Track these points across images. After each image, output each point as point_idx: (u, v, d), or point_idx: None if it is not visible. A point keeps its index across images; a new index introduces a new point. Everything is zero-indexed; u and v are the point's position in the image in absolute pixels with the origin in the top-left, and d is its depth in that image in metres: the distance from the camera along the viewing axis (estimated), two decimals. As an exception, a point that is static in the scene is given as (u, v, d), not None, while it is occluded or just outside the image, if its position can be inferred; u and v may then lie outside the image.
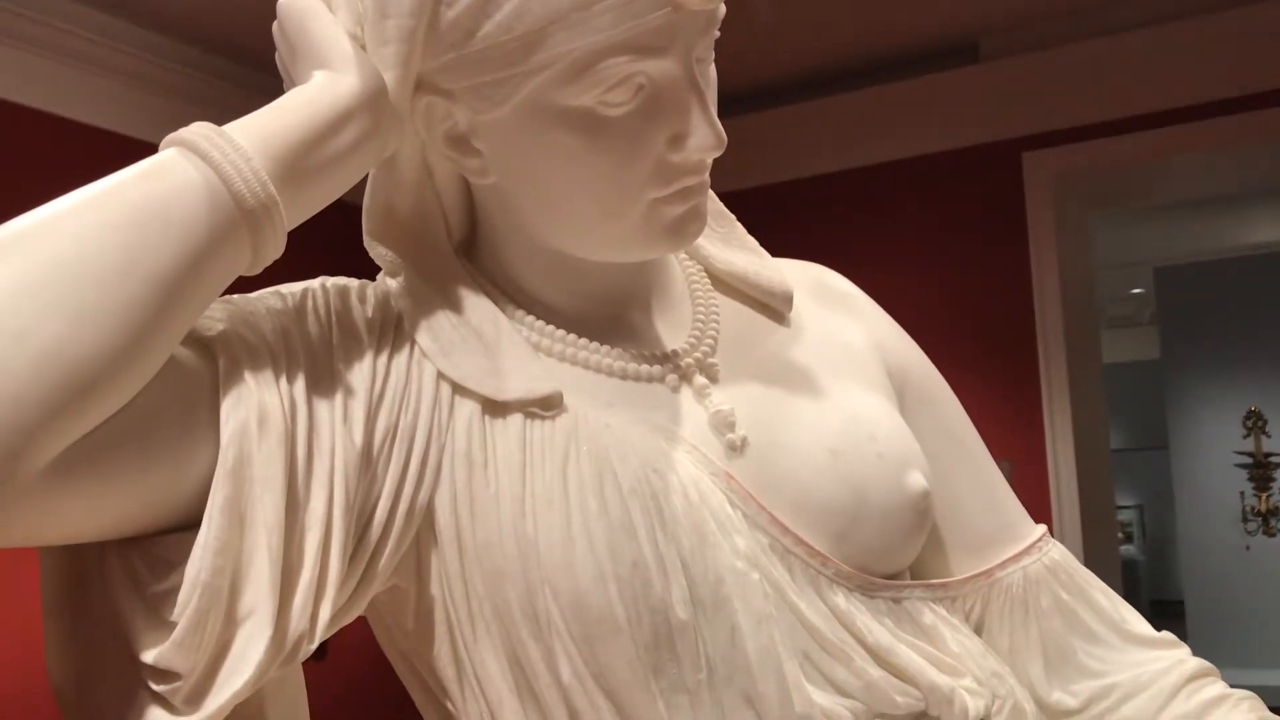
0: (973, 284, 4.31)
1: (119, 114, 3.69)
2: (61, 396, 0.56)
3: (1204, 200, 6.20)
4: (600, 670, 0.69)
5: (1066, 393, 4.17)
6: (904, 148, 4.45)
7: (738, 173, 4.73)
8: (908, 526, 0.77)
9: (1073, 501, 4.13)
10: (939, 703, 0.73)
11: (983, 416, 3.82)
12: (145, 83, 3.73)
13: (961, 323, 4.32)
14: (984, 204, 4.32)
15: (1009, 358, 4.24)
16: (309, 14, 0.71)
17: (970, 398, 3.79)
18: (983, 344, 4.27)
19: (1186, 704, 0.80)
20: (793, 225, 4.66)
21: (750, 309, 0.86)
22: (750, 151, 4.67)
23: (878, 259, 4.50)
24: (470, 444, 0.72)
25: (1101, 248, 6.74)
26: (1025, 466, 4.21)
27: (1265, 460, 7.23)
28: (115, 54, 3.60)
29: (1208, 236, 7.05)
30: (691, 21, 0.68)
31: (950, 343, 4.34)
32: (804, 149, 4.60)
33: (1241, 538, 7.27)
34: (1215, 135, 3.95)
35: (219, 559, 0.61)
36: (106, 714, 0.63)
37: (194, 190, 0.62)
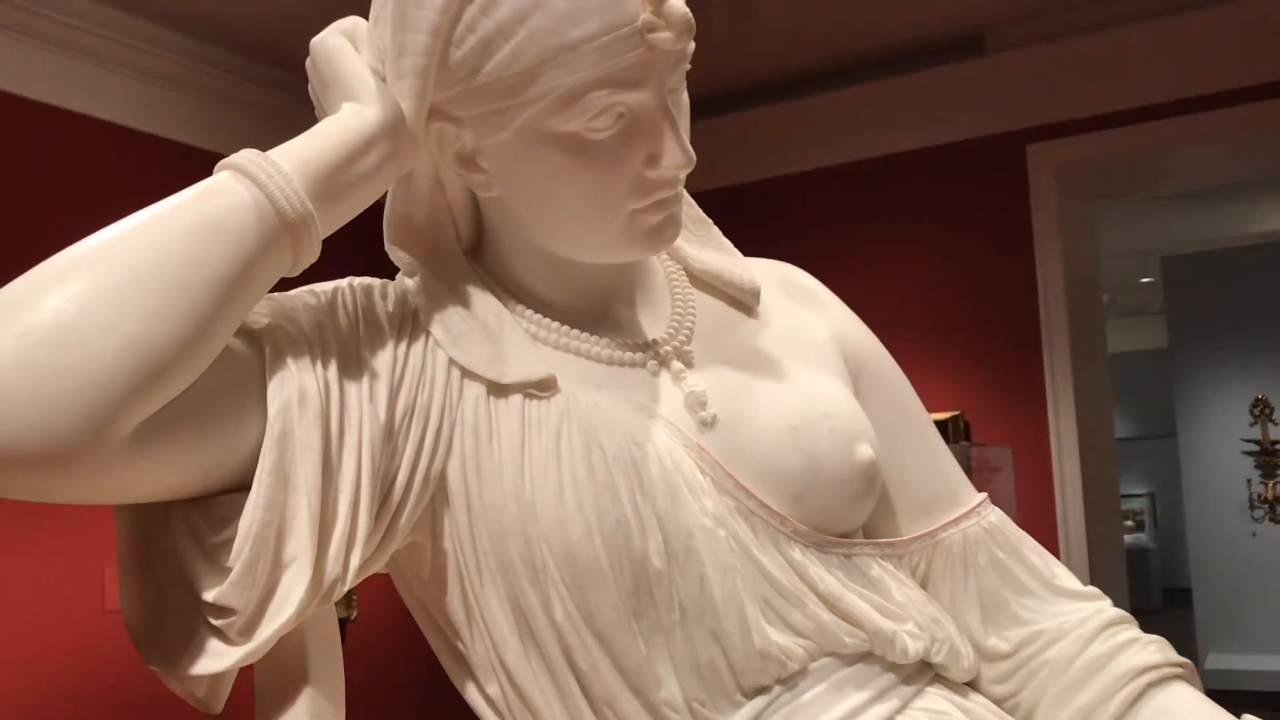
0: (977, 274, 4.36)
1: (119, 106, 3.81)
2: (141, 379, 0.68)
3: (1213, 189, 6.21)
4: (589, 612, 0.81)
5: (1070, 381, 4.21)
6: (910, 140, 4.50)
7: (746, 166, 4.82)
8: (856, 492, 0.89)
9: (1076, 489, 4.18)
10: (883, 643, 0.85)
11: (987, 404, 3.93)
12: (152, 77, 3.84)
13: (966, 312, 4.36)
14: (989, 195, 4.37)
15: (1013, 347, 4.28)
16: (338, 52, 0.83)
17: (974, 386, 3.91)
18: (987, 333, 4.33)
19: (1103, 646, 0.92)
20: (800, 217, 4.74)
21: (723, 303, 0.97)
22: (758, 145, 4.75)
23: (883, 250, 4.57)
24: (477, 420, 0.84)
25: (1111, 237, 6.80)
26: (1029, 455, 4.24)
27: (1272, 448, 7.26)
28: (116, 46, 3.70)
29: (1217, 226, 7.07)
30: (663, 59, 0.79)
31: (955, 332, 4.41)
32: (811, 142, 4.65)
33: (1248, 524, 7.30)
34: (1219, 126, 3.99)
35: (267, 514, 0.74)
36: (173, 645, 0.75)
37: (245, 207, 0.74)
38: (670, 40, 0.78)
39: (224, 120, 4.01)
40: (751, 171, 4.80)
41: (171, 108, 3.90)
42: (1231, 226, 7.09)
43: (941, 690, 0.89)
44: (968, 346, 4.41)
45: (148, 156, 3.81)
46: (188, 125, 3.94)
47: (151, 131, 3.86)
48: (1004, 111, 4.33)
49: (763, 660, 0.82)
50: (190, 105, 3.95)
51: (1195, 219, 6.95)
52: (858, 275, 4.55)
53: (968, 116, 4.40)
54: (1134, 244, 7.41)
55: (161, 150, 3.86)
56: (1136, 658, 0.90)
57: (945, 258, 4.45)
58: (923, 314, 4.47)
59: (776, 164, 4.76)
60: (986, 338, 4.35)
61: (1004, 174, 4.34)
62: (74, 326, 0.67)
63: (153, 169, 3.79)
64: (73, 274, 0.69)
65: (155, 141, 3.84)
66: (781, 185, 4.75)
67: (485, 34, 0.76)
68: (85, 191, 3.66)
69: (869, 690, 0.84)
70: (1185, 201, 6.58)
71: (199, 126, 3.95)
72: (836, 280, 4.28)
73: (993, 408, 4.36)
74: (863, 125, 4.57)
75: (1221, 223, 7.03)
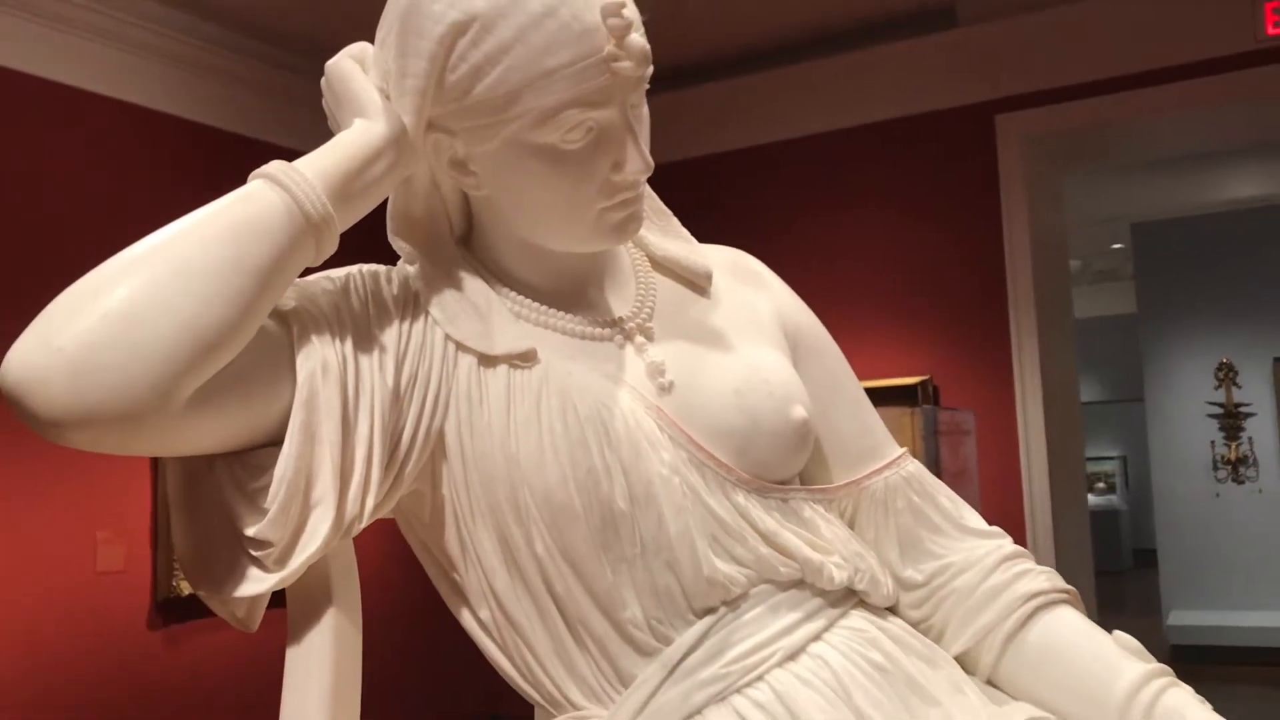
0: (947, 243, 4.46)
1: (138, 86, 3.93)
2: (196, 353, 0.84)
3: (1184, 157, 6.33)
4: (564, 546, 0.97)
5: (1035, 347, 4.32)
6: (880, 111, 4.58)
7: (718, 137, 4.92)
8: (791, 446, 1.05)
9: (1041, 452, 4.29)
10: (812, 572, 1.01)
11: (956, 369, 4.07)
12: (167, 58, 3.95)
13: (935, 280, 4.46)
14: (958, 165, 4.46)
15: (981, 313, 4.39)
16: (349, 75, 0.98)
17: (944, 351, 4.06)
18: (956, 300, 4.43)
19: (1001, 576, 1.08)
20: (771, 188, 4.86)
21: (680, 285, 1.13)
22: (733, 115, 4.85)
23: (854, 220, 4.68)
24: (469, 386, 1.00)
25: (1083, 204, 6.93)
26: (994, 418, 4.34)
27: (1236, 410, 7.49)
28: (132, 28, 3.82)
29: (1187, 193, 7.14)
30: (625, 83, 0.94)
31: (924, 299, 4.53)
32: (782, 113, 4.74)
33: (1212, 485, 7.51)
34: (1186, 97, 4.09)
35: (298, 464, 0.89)
36: (218, 573, 0.91)
37: (276, 211, 0.90)
38: (631, 68, 0.93)
39: (251, 103, 4.14)
40: (724, 142, 4.88)
41: (195, 91, 4.02)
42: (1201, 194, 7.20)
43: (864, 613, 1.05)
44: (937, 313, 4.50)
45: (171, 138, 3.94)
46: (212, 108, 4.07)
47: (178, 114, 3.98)
48: (973, 82, 4.41)
49: (710, 586, 0.98)
50: (216, 89, 4.06)
51: (1166, 186, 7.04)
52: (829, 245, 4.69)
53: (938, 87, 4.48)
54: (1106, 210, 7.53)
55: (184, 131, 3.99)
56: (1029, 585, 1.07)
57: (915, 227, 4.53)
58: (893, 281, 4.57)
59: (747, 135, 4.83)
60: (955, 304, 4.44)
61: (973, 144, 4.42)
62: (144, 310, 0.82)
63: (176, 151, 3.93)
64: (138, 266, 0.84)
65: (178, 123, 3.95)
66: (753, 156, 4.83)
67: (475, 62, 0.91)
68: (114, 172, 3.78)
69: (800, 611, 1.01)
70: (1156, 169, 6.69)
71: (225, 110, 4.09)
72: (809, 250, 4.52)
73: (962, 372, 4.49)
74: (835, 96, 4.65)
75: (1192, 190, 7.13)
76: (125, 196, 3.73)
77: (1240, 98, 4.07)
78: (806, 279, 5.15)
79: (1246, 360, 7.47)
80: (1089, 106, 4.25)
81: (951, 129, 4.49)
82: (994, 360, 4.40)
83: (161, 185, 3.81)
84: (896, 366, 4.55)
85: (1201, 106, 4.15)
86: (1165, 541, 7.69)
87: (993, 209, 4.41)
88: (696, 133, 4.92)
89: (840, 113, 4.68)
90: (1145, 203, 7.40)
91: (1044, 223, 4.61)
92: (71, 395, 0.80)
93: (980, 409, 4.44)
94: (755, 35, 4.56)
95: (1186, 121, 4.38)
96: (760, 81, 4.74)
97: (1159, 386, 7.82)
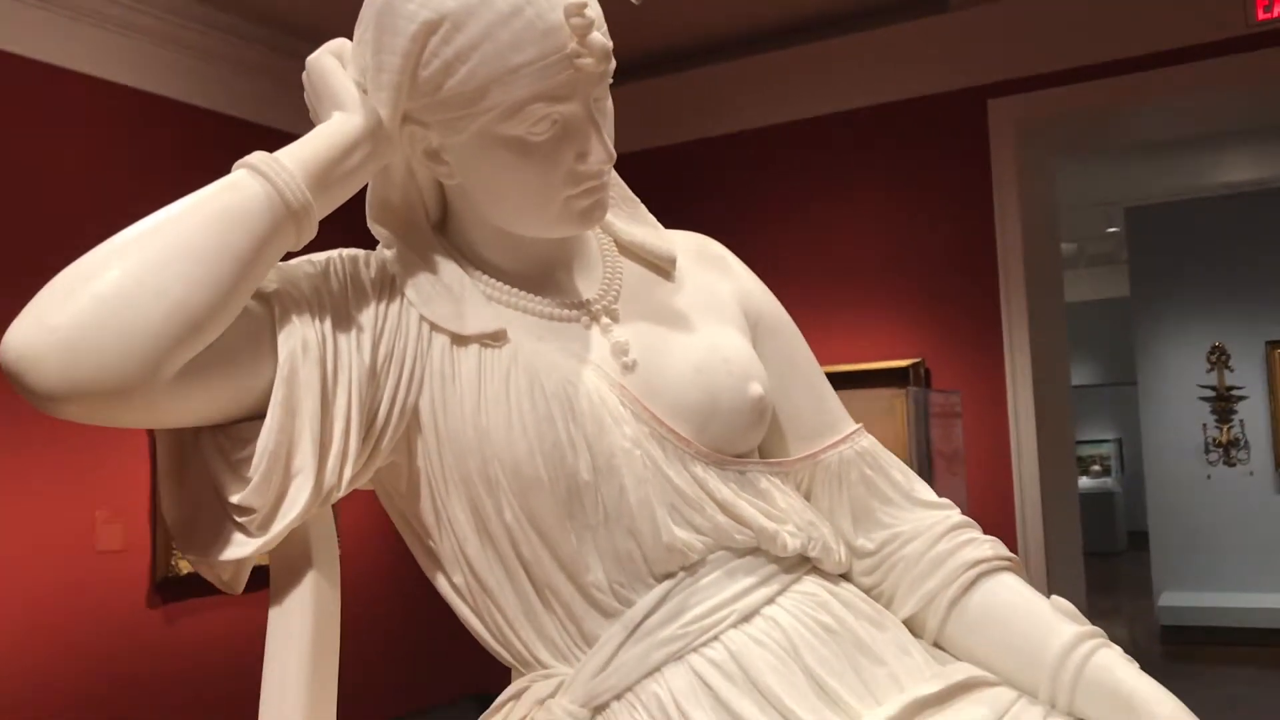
0: (938, 227, 4.50)
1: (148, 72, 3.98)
2: (183, 332, 0.90)
3: (1179, 141, 6.34)
4: (531, 514, 1.03)
5: (1026, 330, 4.37)
6: (873, 95, 4.62)
7: (714, 120, 4.95)
8: (748, 421, 1.11)
9: (1030, 434, 4.36)
10: (766, 539, 1.07)
11: (947, 352, 4.12)
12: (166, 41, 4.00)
13: (927, 263, 4.50)
14: (950, 150, 4.50)
15: (973, 296, 4.43)
16: (328, 70, 1.04)
17: (936, 334, 4.12)
18: (948, 283, 4.48)
19: (947, 544, 1.14)
20: (763, 172, 4.90)
21: (645, 269, 1.19)
22: (725, 100, 4.89)
23: (846, 203, 4.73)
24: (443, 364, 1.06)
25: (1079, 188, 6.96)
26: (985, 401, 4.40)
27: (1227, 394, 7.54)
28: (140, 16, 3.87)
29: (1181, 177, 7.18)
30: (588, 78, 1.00)
31: (916, 282, 4.58)
32: (777, 97, 4.78)
33: (1204, 468, 7.56)
34: (1179, 82, 4.12)
35: (280, 436, 0.95)
36: (205, 539, 0.97)
37: (259, 199, 0.95)
38: (592, 65, 0.98)
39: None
40: (717, 127, 4.92)
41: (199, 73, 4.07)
42: (1196, 178, 7.24)
43: (816, 579, 1.11)
44: (929, 296, 4.54)
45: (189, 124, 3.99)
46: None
47: (188, 101, 4.03)
48: (966, 67, 4.45)
49: (669, 552, 1.04)
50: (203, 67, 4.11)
51: (1161, 171, 7.08)
52: (822, 228, 4.74)
53: (930, 72, 4.51)
54: (1101, 194, 7.56)
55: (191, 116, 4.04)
56: (972, 553, 1.13)
57: (907, 210, 4.58)
58: (885, 265, 4.61)
59: (739, 120, 4.87)
60: (947, 288, 4.49)
61: (965, 129, 4.46)
62: (132, 292, 0.88)
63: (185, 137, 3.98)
64: (129, 251, 0.90)
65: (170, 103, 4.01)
66: (745, 140, 4.88)
67: (446, 58, 0.97)
68: (114, 154, 3.84)
69: (755, 576, 1.07)
70: (1151, 153, 6.72)
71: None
72: (802, 234, 4.58)
73: (953, 355, 4.54)
74: (827, 80, 4.69)
75: (1186, 174, 7.16)
76: (136, 181, 3.79)
77: (1233, 82, 4.10)
78: (799, 262, 5.23)
79: (1239, 344, 7.51)
80: (1081, 91, 4.29)
81: (944, 114, 4.52)
82: (985, 343, 4.44)
83: (169, 170, 3.87)
84: (888, 349, 4.60)
85: (1194, 91, 4.19)
86: (1157, 523, 7.75)
87: (985, 193, 4.45)
88: (688, 117, 4.97)
89: (833, 97, 4.71)
90: (1140, 187, 7.44)
91: (1036, 207, 4.64)
92: (64, 371, 0.86)
93: (971, 391, 4.48)
94: (748, 20, 4.60)
95: (1179, 106, 4.42)
96: (753, 66, 4.77)
97: (1152, 370, 7.86)
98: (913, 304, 4.60)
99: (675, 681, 1.01)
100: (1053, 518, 4.44)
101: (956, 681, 1.04)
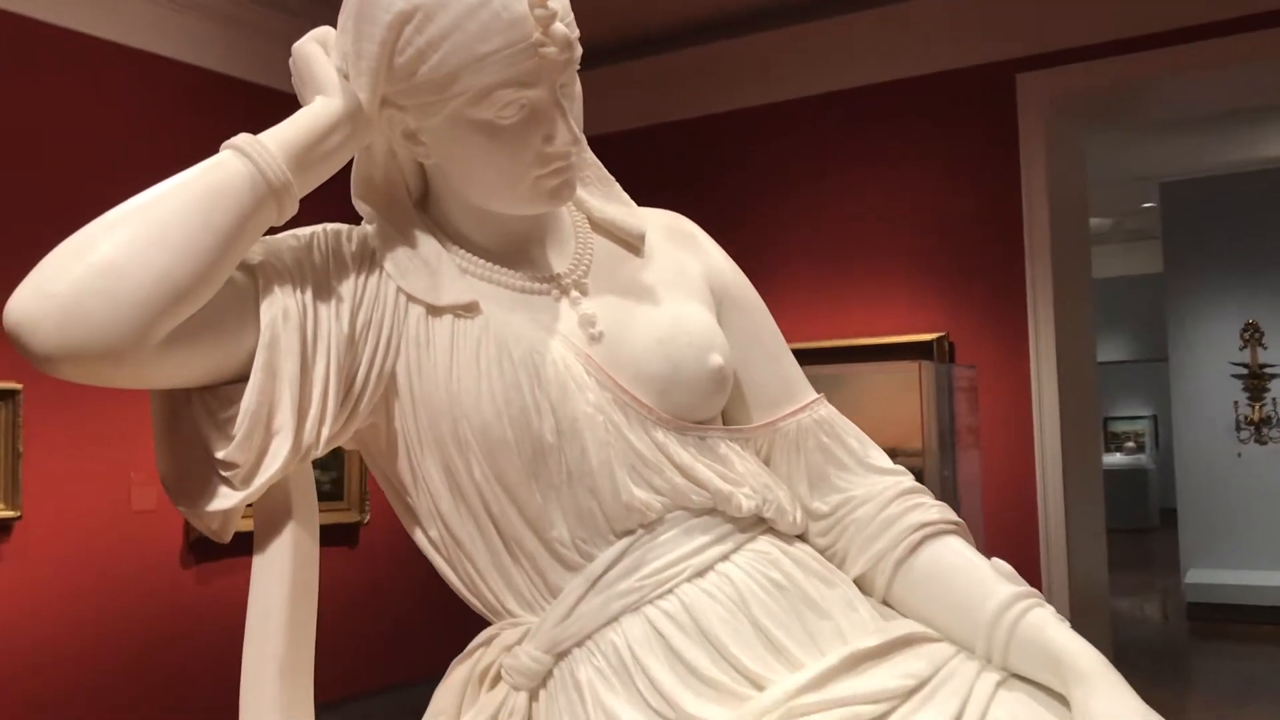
0: (964, 201, 4.49)
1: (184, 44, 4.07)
2: (170, 300, 0.97)
3: (1216, 116, 6.28)
4: (499, 473, 1.11)
5: (1051, 306, 4.35)
6: (900, 69, 4.61)
7: (742, 92, 4.96)
8: (708, 390, 1.18)
9: (1053, 410, 4.35)
10: (722, 500, 1.14)
11: (972, 327, 4.11)
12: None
13: (953, 238, 4.50)
14: (977, 124, 4.48)
15: (998, 272, 4.43)
16: (311, 57, 1.11)
17: (960, 309, 4.12)
18: (973, 258, 4.47)
19: (897, 508, 1.21)
20: (791, 145, 4.92)
21: (616, 245, 1.25)
22: (754, 71, 4.89)
23: (872, 177, 4.72)
24: (418, 333, 1.13)
25: (1114, 163, 6.91)
26: (1008, 376, 4.39)
27: (1260, 371, 7.47)
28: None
29: (1218, 152, 7.09)
30: (552, 65, 1.06)
31: (941, 257, 4.59)
32: (805, 69, 4.78)
33: (1235, 446, 7.51)
34: (1209, 56, 4.08)
35: (261, 397, 1.03)
36: (194, 491, 1.06)
37: (242, 178, 1.03)
38: (555, 53, 1.05)
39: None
40: (745, 99, 4.92)
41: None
42: (1232, 153, 7.14)
43: (771, 539, 1.18)
44: (954, 271, 4.53)
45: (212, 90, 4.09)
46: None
47: (207, 67, 4.13)
48: (994, 41, 4.42)
49: (628, 511, 1.11)
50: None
51: (1197, 145, 6.98)
52: (848, 202, 4.76)
53: (958, 46, 4.49)
54: (1137, 169, 7.49)
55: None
56: (919, 516, 1.20)
57: (934, 185, 4.57)
58: (911, 239, 4.60)
59: (767, 92, 4.88)
60: (973, 263, 4.48)
61: (993, 103, 4.44)
62: (124, 264, 0.96)
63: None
64: (121, 225, 0.98)
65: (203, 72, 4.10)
66: (772, 113, 4.88)
67: (419, 46, 1.04)
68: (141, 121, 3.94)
69: (711, 535, 1.14)
70: (1187, 128, 6.64)
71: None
72: (828, 207, 4.60)
73: (977, 330, 4.54)
74: (855, 53, 4.68)
75: (1223, 149, 7.07)
76: (154, 146, 3.89)
77: (1270, 56, 4.05)
78: (825, 235, 5.23)
79: (1273, 321, 7.44)
80: (1111, 65, 4.25)
81: (972, 88, 4.51)
82: (1010, 318, 4.44)
83: (187, 135, 3.96)
84: (912, 323, 4.62)
85: (1228, 66, 4.14)
86: (1186, 500, 7.73)
87: (1012, 168, 4.43)
88: (717, 89, 4.99)
89: (861, 70, 4.71)
90: (1176, 161, 7.35)
91: (1063, 182, 4.60)
92: (61, 335, 0.94)
93: (995, 367, 4.47)
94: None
95: (1211, 80, 4.37)
96: (781, 38, 4.77)
97: (1184, 346, 7.81)
98: (938, 279, 4.60)
99: (632, 631, 1.09)
100: (1075, 494, 4.43)
101: (897, 636, 1.11)
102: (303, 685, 1.06)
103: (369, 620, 4.45)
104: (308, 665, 1.08)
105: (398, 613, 4.62)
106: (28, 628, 3.70)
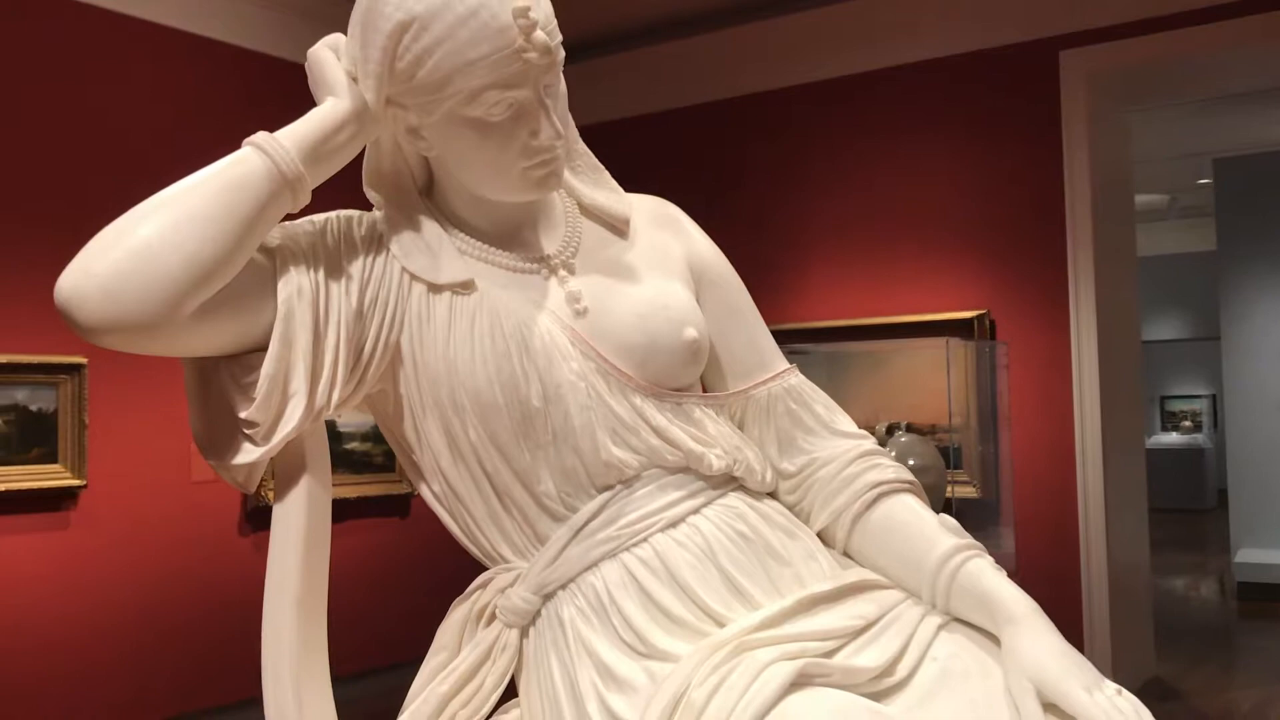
0: (1008, 179, 4.52)
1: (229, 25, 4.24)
2: (198, 279, 1.11)
3: (1268, 90, 6.19)
4: (491, 434, 1.24)
5: (1092, 284, 4.38)
6: (944, 46, 4.65)
7: (789, 71, 5.01)
8: (684, 360, 1.30)
9: (1093, 389, 4.38)
10: (694, 460, 1.26)
11: (1014, 304, 4.17)
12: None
13: (995, 215, 4.53)
14: (1021, 101, 4.51)
15: (1040, 249, 4.45)
16: (324, 62, 1.25)
17: (1002, 286, 4.21)
18: (1016, 236, 4.50)
19: (856, 468, 1.32)
20: (836, 123, 4.96)
21: (603, 228, 1.38)
22: (801, 50, 4.92)
23: (916, 155, 4.75)
24: (420, 308, 1.26)
25: (1168, 139, 6.85)
26: (1049, 354, 4.43)
27: (1315, 350, 7.41)
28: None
29: (1274, 126, 7.04)
30: (536, 68, 1.18)
31: (984, 234, 4.62)
32: (850, 47, 4.84)
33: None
34: (1253, 31, 4.08)
35: (278, 364, 1.17)
36: (222, 447, 1.20)
37: (260, 172, 1.17)
38: (537, 58, 1.17)
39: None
40: (792, 77, 4.99)
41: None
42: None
43: (741, 495, 1.30)
44: (996, 248, 4.56)
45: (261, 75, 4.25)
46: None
47: (253, 48, 4.30)
48: (1038, 18, 4.44)
49: (607, 468, 1.24)
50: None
51: (1251, 120, 6.89)
52: (892, 180, 4.81)
53: (1002, 23, 4.51)
54: (1191, 145, 7.40)
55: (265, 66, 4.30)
56: (876, 475, 1.31)
57: (977, 162, 4.61)
58: (954, 217, 4.64)
59: (813, 70, 4.94)
60: (1015, 240, 4.52)
61: (1037, 80, 4.46)
62: (158, 247, 1.10)
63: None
64: (154, 213, 1.12)
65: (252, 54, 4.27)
66: (819, 91, 4.95)
67: (416, 52, 1.16)
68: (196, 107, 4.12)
69: (684, 491, 1.26)
70: (1240, 103, 6.53)
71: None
72: (872, 185, 4.71)
73: (1019, 308, 4.55)
74: (898, 31, 4.73)
75: (1277, 124, 7.00)
76: (206, 126, 4.07)
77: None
78: (867, 213, 5.29)
79: (1329, 299, 7.35)
80: (1154, 42, 4.26)
81: (1015, 65, 4.53)
82: (1052, 296, 4.46)
83: (234, 115, 4.15)
84: (954, 300, 4.66)
85: (1276, 39, 4.12)
86: (1237, 479, 7.64)
87: (1055, 146, 4.46)
88: (766, 68, 5.05)
89: (904, 49, 4.75)
90: (1231, 137, 7.24)
91: (1107, 160, 4.60)
92: (103, 310, 1.08)
93: (1035, 344, 4.47)
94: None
95: (1260, 55, 4.36)
96: (827, 16, 4.81)
97: (1237, 325, 7.69)
98: (980, 256, 4.62)
99: (610, 575, 1.22)
100: (1115, 474, 4.46)
101: (850, 582, 1.23)
102: (316, 616, 1.21)
103: (419, 587, 4.64)
104: (321, 597, 1.23)
105: (446, 579, 4.78)
106: (94, 590, 3.92)
